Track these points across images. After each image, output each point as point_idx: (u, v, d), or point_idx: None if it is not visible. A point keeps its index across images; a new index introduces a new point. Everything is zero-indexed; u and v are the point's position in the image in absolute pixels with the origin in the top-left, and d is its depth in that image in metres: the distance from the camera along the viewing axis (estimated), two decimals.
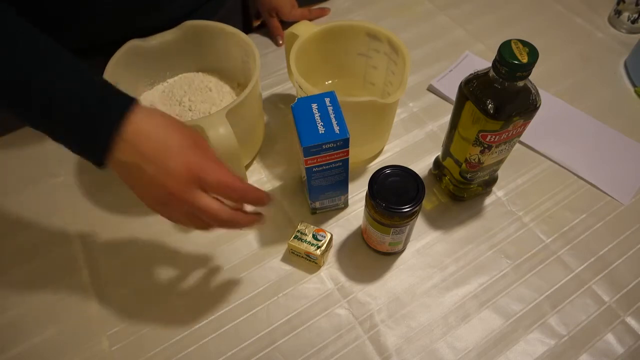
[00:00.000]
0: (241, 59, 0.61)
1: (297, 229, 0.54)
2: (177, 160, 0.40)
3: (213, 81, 0.65)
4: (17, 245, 0.58)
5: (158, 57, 0.61)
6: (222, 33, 0.61)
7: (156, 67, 0.63)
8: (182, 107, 0.62)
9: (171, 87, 0.64)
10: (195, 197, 0.41)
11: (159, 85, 0.65)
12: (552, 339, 0.51)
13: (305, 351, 0.50)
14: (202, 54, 0.64)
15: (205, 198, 0.41)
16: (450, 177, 0.59)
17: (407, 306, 0.53)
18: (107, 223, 0.59)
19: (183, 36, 0.61)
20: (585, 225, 0.59)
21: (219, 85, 0.64)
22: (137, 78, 0.61)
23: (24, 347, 0.51)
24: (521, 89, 0.45)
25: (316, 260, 0.54)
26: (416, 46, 0.79)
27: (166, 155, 0.40)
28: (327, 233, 0.54)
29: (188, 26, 0.61)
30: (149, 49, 0.60)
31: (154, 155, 0.40)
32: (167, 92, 0.64)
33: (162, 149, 0.40)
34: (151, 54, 0.60)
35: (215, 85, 0.64)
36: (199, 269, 0.56)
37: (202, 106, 0.61)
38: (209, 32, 0.61)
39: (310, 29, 0.59)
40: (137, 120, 0.40)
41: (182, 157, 0.40)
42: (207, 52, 0.64)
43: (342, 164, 0.51)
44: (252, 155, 0.64)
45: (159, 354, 0.50)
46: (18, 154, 0.65)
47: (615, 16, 0.80)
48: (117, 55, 0.56)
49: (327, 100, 0.50)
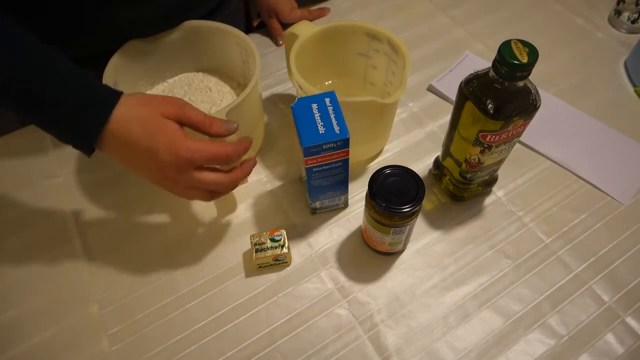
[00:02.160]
0: (241, 59, 0.61)
1: (253, 243, 0.54)
2: (166, 152, 0.43)
3: (213, 81, 0.65)
4: (18, 246, 0.58)
5: (158, 57, 0.61)
6: (222, 33, 0.60)
7: (156, 67, 0.63)
8: None
9: (171, 87, 0.64)
10: (191, 177, 0.44)
11: (159, 85, 0.65)
12: (552, 339, 0.51)
13: (305, 351, 0.50)
14: (202, 54, 0.64)
15: (200, 175, 0.45)
16: (450, 177, 0.59)
17: (407, 306, 0.53)
18: (106, 223, 0.60)
19: (183, 36, 0.61)
20: (585, 225, 0.59)
21: (219, 85, 0.64)
22: (137, 78, 0.61)
23: (24, 347, 0.51)
24: (521, 89, 0.45)
25: (285, 259, 0.54)
26: (416, 46, 0.79)
27: (157, 150, 0.43)
28: (281, 230, 0.54)
29: (188, 27, 0.61)
30: (149, 49, 0.60)
31: (142, 149, 0.43)
32: (167, 92, 0.64)
33: (149, 144, 0.43)
34: (151, 54, 0.60)
35: (216, 85, 0.64)
36: (199, 269, 0.56)
37: (202, 106, 0.61)
38: (209, 32, 0.61)
39: (310, 29, 0.59)
40: (122, 114, 0.43)
41: (171, 148, 0.43)
42: (207, 52, 0.64)
43: (342, 164, 0.51)
44: (252, 155, 0.64)
45: (159, 354, 0.50)
46: (17, 154, 0.66)
47: (615, 16, 0.80)
48: (117, 55, 0.56)
49: (327, 100, 0.50)
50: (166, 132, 0.43)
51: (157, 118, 0.44)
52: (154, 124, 0.43)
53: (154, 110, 0.44)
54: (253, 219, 0.60)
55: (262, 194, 0.62)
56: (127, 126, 0.43)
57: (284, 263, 0.55)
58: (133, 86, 0.61)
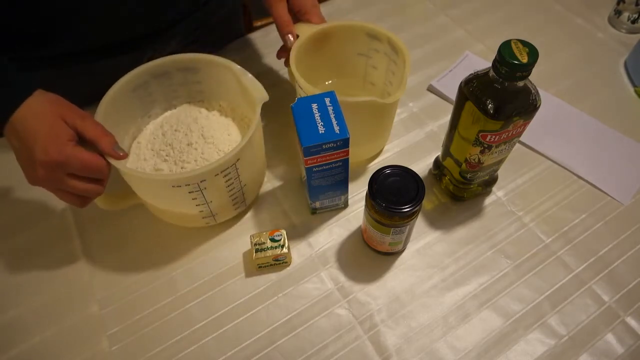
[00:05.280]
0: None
1: (253, 243, 0.54)
2: (41, 151, 0.44)
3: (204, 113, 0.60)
4: (18, 245, 0.58)
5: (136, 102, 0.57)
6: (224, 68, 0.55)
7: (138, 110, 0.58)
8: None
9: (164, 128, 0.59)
10: (62, 180, 0.46)
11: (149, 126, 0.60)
12: (552, 339, 0.51)
13: (305, 351, 0.50)
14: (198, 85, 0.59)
15: (71, 181, 0.46)
16: (450, 177, 0.59)
17: (407, 306, 0.53)
18: (106, 223, 0.60)
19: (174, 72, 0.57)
20: (585, 225, 0.59)
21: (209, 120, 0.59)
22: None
23: (24, 347, 0.51)
24: (521, 89, 0.45)
25: (285, 259, 0.54)
26: (416, 46, 0.79)
27: (34, 146, 0.44)
28: (281, 230, 0.54)
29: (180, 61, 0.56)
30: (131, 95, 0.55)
31: (26, 142, 0.45)
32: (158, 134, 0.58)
33: (32, 139, 0.45)
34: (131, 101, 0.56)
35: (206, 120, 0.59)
36: (198, 269, 0.56)
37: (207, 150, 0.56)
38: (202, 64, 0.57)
39: (310, 29, 0.59)
40: (29, 106, 0.45)
41: (46, 148, 0.44)
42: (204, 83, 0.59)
43: (342, 164, 0.51)
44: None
45: (159, 354, 0.50)
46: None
47: (615, 16, 0.80)
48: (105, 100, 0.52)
49: (327, 100, 0.50)
50: (51, 133, 0.45)
51: (54, 118, 0.45)
52: (47, 123, 0.45)
53: (55, 111, 0.46)
54: (253, 219, 0.60)
55: (262, 194, 0.62)
56: (27, 118, 0.45)
57: (284, 263, 0.55)
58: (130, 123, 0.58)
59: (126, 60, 0.66)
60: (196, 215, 0.54)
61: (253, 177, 0.57)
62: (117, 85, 0.53)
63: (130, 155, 0.57)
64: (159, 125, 0.59)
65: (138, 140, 0.58)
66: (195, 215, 0.54)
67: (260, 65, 0.77)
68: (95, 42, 0.63)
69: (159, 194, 0.52)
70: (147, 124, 0.60)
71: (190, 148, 0.55)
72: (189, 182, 0.47)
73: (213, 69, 0.56)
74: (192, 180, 0.47)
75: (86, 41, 0.62)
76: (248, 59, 0.77)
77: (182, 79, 0.58)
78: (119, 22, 0.61)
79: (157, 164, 0.55)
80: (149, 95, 0.58)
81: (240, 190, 0.54)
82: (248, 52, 0.79)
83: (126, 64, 0.54)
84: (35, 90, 0.46)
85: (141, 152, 0.57)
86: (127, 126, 0.57)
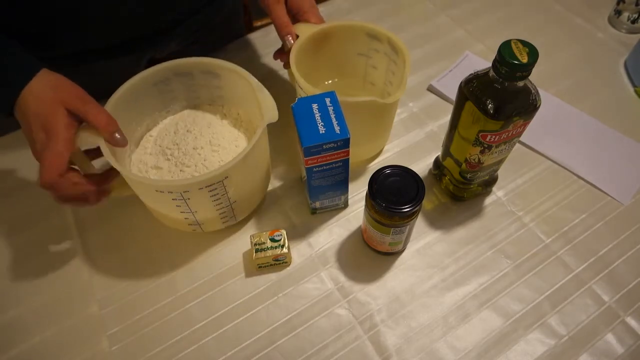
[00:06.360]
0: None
1: (253, 243, 0.53)
2: (36, 151, 0.46)
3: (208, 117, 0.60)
4: (18, 245, 0.58)
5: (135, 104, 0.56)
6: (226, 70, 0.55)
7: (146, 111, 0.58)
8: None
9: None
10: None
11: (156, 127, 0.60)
12: (552, 339, 0.51)
13: (305, 351, 0.50)
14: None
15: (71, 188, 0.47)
16: (450, 177, 0.59)
17: (407, 306, 0.53)
18: (106, 223, 0.60)
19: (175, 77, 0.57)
20: (585, 225, 0.59)
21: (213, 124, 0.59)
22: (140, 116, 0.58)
23: (24, 347, 0.51)
24: (521, 89, 0.45)
25: (285, 259, 0.54)
26: (416, 46, 0.79)
27: (33, 145, 0.45)
28: (281, 230, 0.54)
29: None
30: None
31: (27, 127, 0.46)
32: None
33: (30, 129, 0.45)
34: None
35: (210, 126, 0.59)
36: (198, 269, 0.56)
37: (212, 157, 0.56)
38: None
39: (310, 29, 0.59)
40: (28, 90, 0.46)
41: (40, 162, 0.45)
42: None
43: (343, 164, 0.51)
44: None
45: (159, 354, 0.50)
46: (18, 154, 0.65)
47: (615, 16, 0.80)
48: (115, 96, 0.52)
49: (328, 100, 0.50)
50: (47, 126, 0.45)
51: (54, 105, 0.45)
52: (47, 109, 0.45)
53: (56, 97, 0.46)
54: (253, 219, 0.60)
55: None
56: (29, 102, 0.45)
57: (284, 263, 0.55)
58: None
59: (126, 61, 0.66)
60: (182, 221, 0.53)
61: (245, 196, 0.55)
62: (138, 77, 0.53)
63: (139, 147, 0.57)
64: (174, 122, 0.59)
65: (151, 133, 0.59)
66: (181, 221, 0.53)
67: (260, 65, 0.77)
68: (95, 43, 0.63)
69: (144, 194, 0.52)
70: (164, 118, 0.60)
71: (195, 152, 0.54)
72: (172, 190, 0.46)
73: (233, 77, 0.55)
74: (175, 190, 0.46)
75: (86, 42, 0.62)
76: (248, 59, 0.77)
77: (203, 81, 0.58)
78: (119, 23, 0.62)
79: (158, 162, 0.55)
80: (170, 91, 0.58)
81: (229, 206, 0.53)
82: (248, 52, 0.79)
83: (126, 65, 0.55)
84: (40, 70, 0.46)
85: (149, 145, 0.57)
86: (141, 117, 0.57)
